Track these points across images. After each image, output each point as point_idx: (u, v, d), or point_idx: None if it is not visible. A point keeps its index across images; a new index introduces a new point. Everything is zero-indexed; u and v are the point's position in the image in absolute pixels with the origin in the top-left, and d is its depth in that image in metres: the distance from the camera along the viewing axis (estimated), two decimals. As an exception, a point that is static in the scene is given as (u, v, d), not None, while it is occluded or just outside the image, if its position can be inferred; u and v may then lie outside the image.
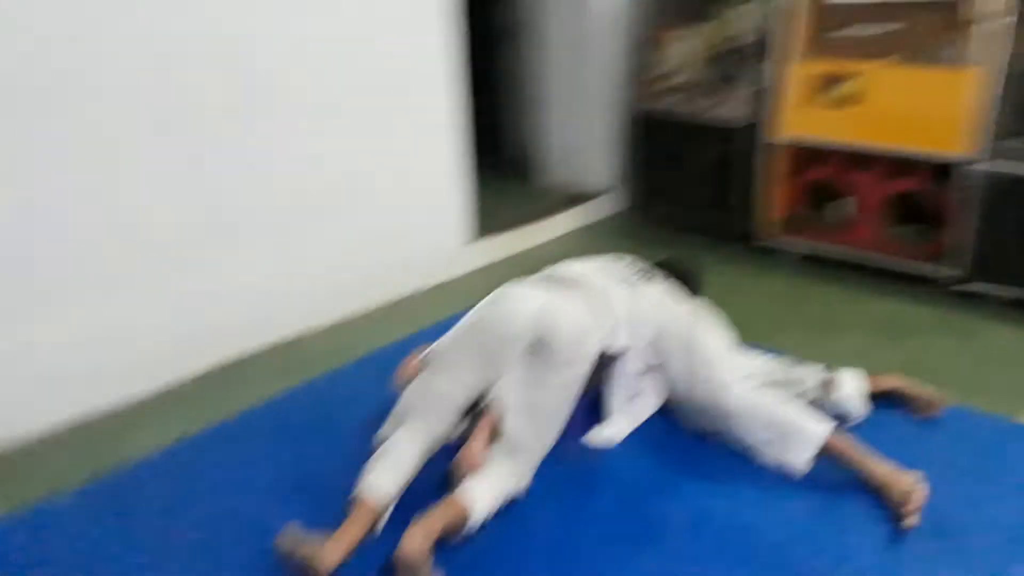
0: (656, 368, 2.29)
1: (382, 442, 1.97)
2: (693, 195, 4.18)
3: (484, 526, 1.84)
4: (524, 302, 2.08)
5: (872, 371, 2.41)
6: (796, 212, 3.85)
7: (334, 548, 1.68)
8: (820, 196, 3.85)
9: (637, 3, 4.29)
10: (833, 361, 2.43)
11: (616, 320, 2.17)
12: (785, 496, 2.01)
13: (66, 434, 2.38)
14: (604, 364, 2.25)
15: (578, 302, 2.11)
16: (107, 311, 2.48)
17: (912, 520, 1.87)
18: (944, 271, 3.39)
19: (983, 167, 3.19)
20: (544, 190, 4.81)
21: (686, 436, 2.26)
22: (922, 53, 3.53)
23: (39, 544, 1.85)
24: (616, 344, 2.18)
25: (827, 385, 2.27)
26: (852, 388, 2.26)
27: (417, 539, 1.65)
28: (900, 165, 3.46)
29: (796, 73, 3.65)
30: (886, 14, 3.80)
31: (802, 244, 3.82)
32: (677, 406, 2.30)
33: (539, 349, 2.01)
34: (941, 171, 3.34)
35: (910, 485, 1.90)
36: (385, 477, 1.84)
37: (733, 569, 1.77)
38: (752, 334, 2.63)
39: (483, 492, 1.83)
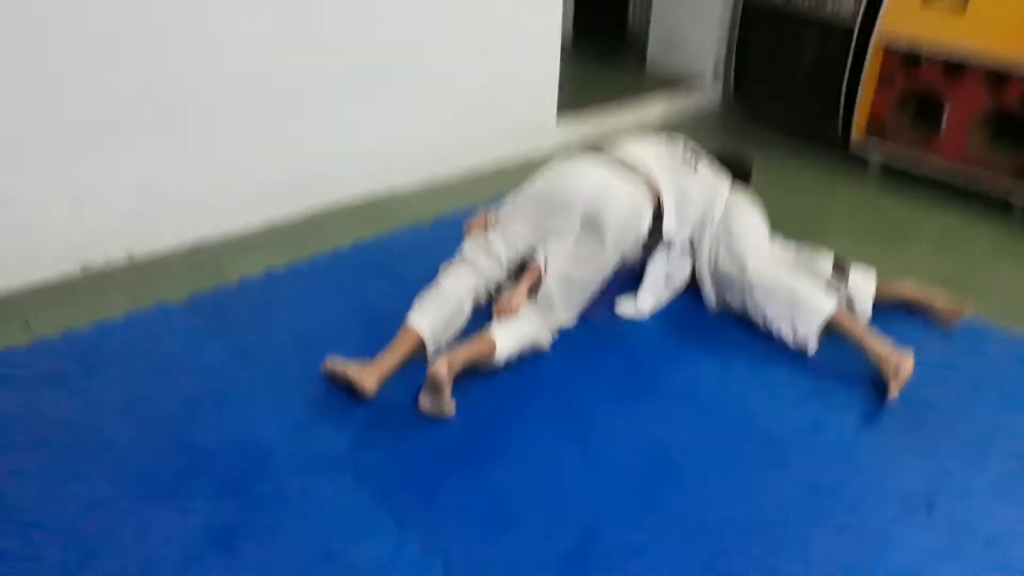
0: (692, 247, 2.53)
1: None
2: (793, 93, 4.16)
3: (507, 365, 2.18)
4: (585, 179, 2.31)
5: (931, 282, 2.58)
6: (891, 119, 3.80)
7: (374, 370, 2.05)
8: (923, 106, 3.79)
9: None
10: (887, 270, 2.59)
11: (665, 207, 2.39)
12: (778, 374, 2.27)
13: (182, 254, 2.85)
14: (651, 244, 2.50)
15: (634, 187, 2.33)
16: (224, 149, 2.89)
17: (894, 391, 2.09)
18: (1021, 197, 3.35)
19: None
20: (648, 75, 4.88)
21: (700, 315, 2.52)
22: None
23: (152, 338, 2.32)
24: (664, 229, 2.41)
25: (840, 272, 2.44)
26: (861, 283, 2.42)
27: (445, 363, 1.99)
28: (1001, 79, 3.37)
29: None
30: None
31: (888, 150, 3.81)
32: (704, 284, 2.53)
33: (592, 225, 2.26)
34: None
35: (901, 360, 2.11)
36: (428, 310, 2.18)
37: (711, 423, 2.07)
38: (815, 235, 2.81)
39: (510, 335, 2.15)
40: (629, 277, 2.59)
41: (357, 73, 3.13)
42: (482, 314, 2.29)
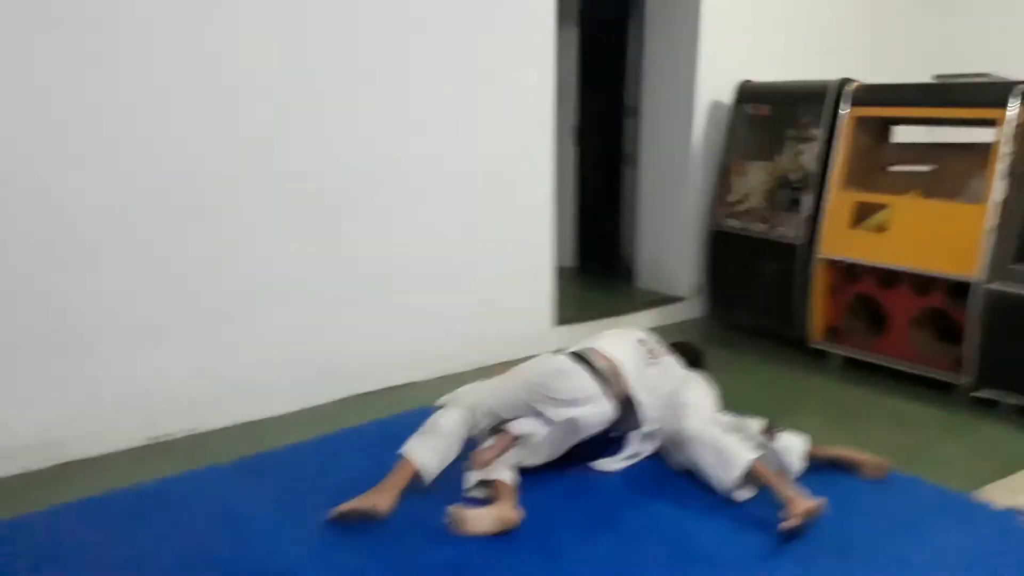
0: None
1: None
2: (758, 303, 4.82)
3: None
4: (575, 383, 2.80)
5: (874, 452, 3.00)
6: (840, 322, 4.41)
7: (382, 495, 2.53)
8: (864, 308, 4.41)
9: (719, 139, 5.12)
10: (850, 444, 3.06)
11: (637, 403, 2.92)
12: (722, 513, 2.67)
13: (231, 429, 3.40)
14: (630, 422, 2.99)
15: (607, 401, 2.81)
16: (266, 349, 3.52)
17: (789, 524, 2.46)
18: (961, 378, 3.84)
19: (990, 287, 3.68)
20: (638, 292, 5.60)
21: (664, 471, 2.96)
22: (946, 191, 4.14)
23: (202, 490, 2.82)
24: (640, 419, 2.93)
25: (768, 434, 2.89)
26: (791, 443, 2.87)
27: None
28: (926, 284, 3.99)
29: (837, 203, 4.31)
30: (925, 156, 4.45)
31: (845, 349, 4.36)
32: (664, 447, 2.99)
33: (570, 425, 2.77)
34: (959, 290, 3.84)
35: (806, 502, 2.52)
36: (424, 441, 2.71)
37: (664, 552, 2.46)
38: (785, 419, 3.23)
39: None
40: (606, 442, 3.07)
41: (379, 284, 3.83)
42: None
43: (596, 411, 2.79)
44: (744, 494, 2.72)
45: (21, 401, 2.97)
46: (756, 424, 2.98)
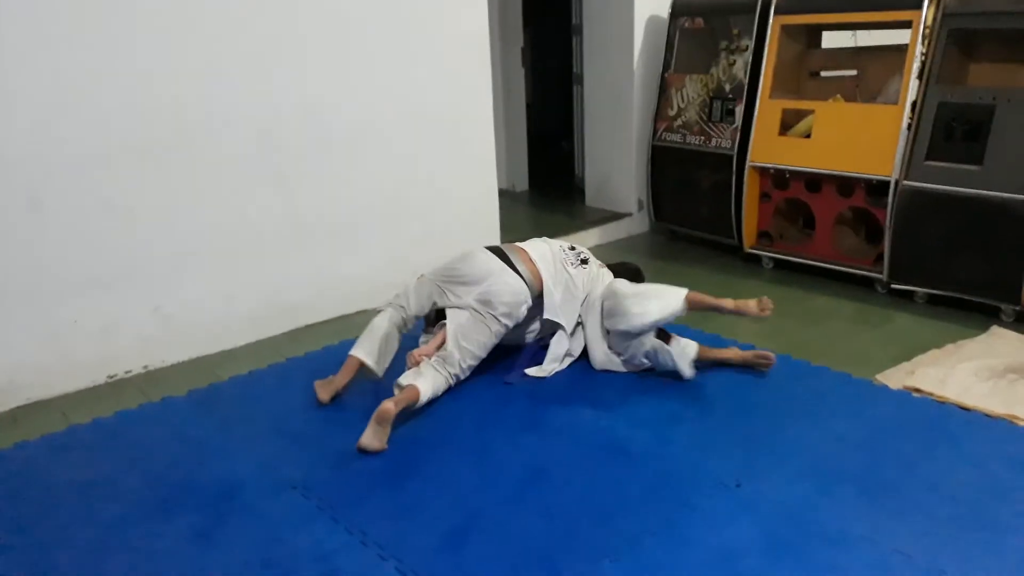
0: (582, 323, 3.23)
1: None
2: (697, 214, 4.99)
3: (425, 407, 2.88)
4: (480, 264, 3.09)
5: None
6: (771, 227, 4.59)
7: (325, 388, 3.01)
8: (793, 212, 4.60)
9: (659, 55, 5.20)
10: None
11: (548, 290, 3.13)
12: (641, 408, 2.91)
13: (186, 364, 3.59)
14: (549, 325, 3.21)
15: (519, 277, 3.08)
16: (220, 285, 3.68)
17: (767, 312, 2.97)
18: (880, 273, 4.05)
19: (905, 184, 3.86)
20: (587, 210, 5.76)
21: (587, 375, 3.20)
22: (866, 94, 4.27)
23: (158, 421, 3.02)
24: (545, 308, 3.13)
25: (665, 338, 3.10)
26: (687, 349, 3.08)
27: (391, 402, 2.71)
28: (849, 186, 4.16)
29: (765, 111, 4.44)
30: (849, 62, 4.56)
31: (776, 252, 4.56)
32: (593, 345, 3.22)
33: (484, 302, 3.01)
34: (879, 189, 4.02)
35: (757, 302, 2.98)
36: (364, 342, 3.06)
37: (579, 446, 2.70)
38: (715, 321, 3.52)
39: (426, 383, 2.86)
40: (539, 351, 3.29)
41: (326, 221, 3.97)
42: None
43: (504, 285, 3.03)
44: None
45: (-20, 349, 3.13)
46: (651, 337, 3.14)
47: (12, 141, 3.04)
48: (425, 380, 2.86)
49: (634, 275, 3.48)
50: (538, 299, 3.15)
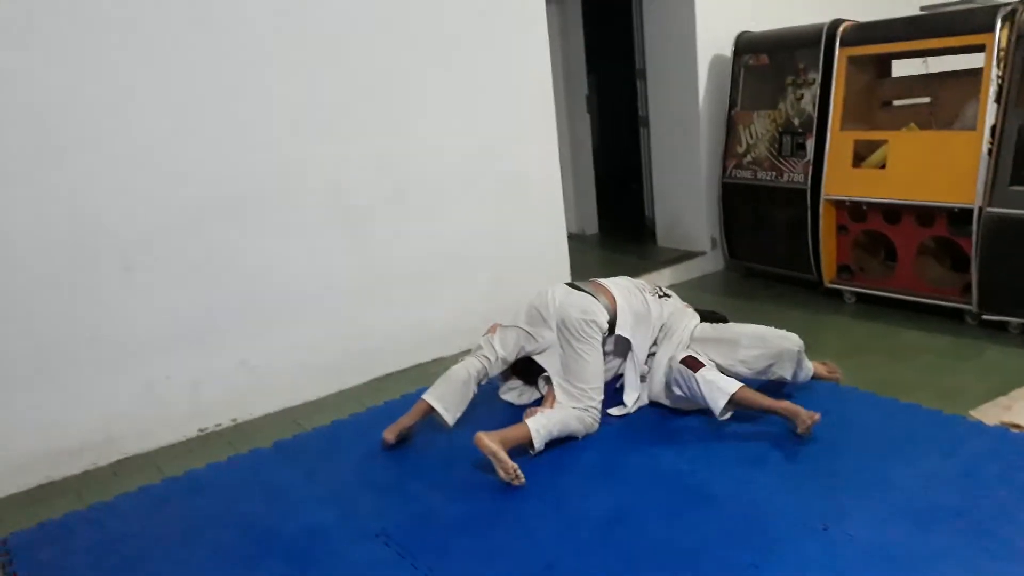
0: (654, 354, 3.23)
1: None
2: (772, 250, 4.92)
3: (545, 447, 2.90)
4: (553, 296, 3.16)
5: (877, 383, 3.29)
6: (851, 260, 4.48)
7: (393, 428, 3.08)
8: (873, 245, 4.48)
9: (724, 93, 5.19)
10: (845, 376, 3.32)
11: (621, 309, 3.15)
12: (719, 452, 2.85)
13: (272, 416, 3.70)
14: (621, 349, 3.24)
15: (589, 296, 3.13)
16: (304, 338, 3.81)
17: (806, 430, 2.77)
18: (968, 304, 3.90)
19: (989, 211, 3.72)
20: (659, 251, 5.73)
21: (662, 416, 3.16)
22: (941, 120, 4.17)
23: (247, 471, 3.13)
24: (620, 325, 3.14)
25: (691, 364, 3.00)
26: (718, 382, 2.93)
27: (482, 434, 2.75)
28: (929, 215, 4.04)
29: (837, 143, 4.37)
30: (921, 89, 4.47)
31: (857, 286, 4.44)
32: (663, 387, 3.17)
33: (561, 328, 3.07)
34: (961, 217, 3.89)
35: (808, 413, 2.77)
36: (436, 385, 3.09)
37: (660, 489, 2.67)
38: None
39: (540, 422, 2.89)
40: (615, 392, 3.29)
41: (400, 271, 4.07)
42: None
43: (572, 303, 3.09)
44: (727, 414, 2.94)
45: (80, 404, 3.29)
46: (681, 353, 3.09)
47: (107, 206, 3.25)
48: (536, 419, 2.91)
49: (717, 317, 3.45)
50: (613, 324, 3.15)
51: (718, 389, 2.89)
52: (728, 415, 2.94)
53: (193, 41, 3.36)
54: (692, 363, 2.99)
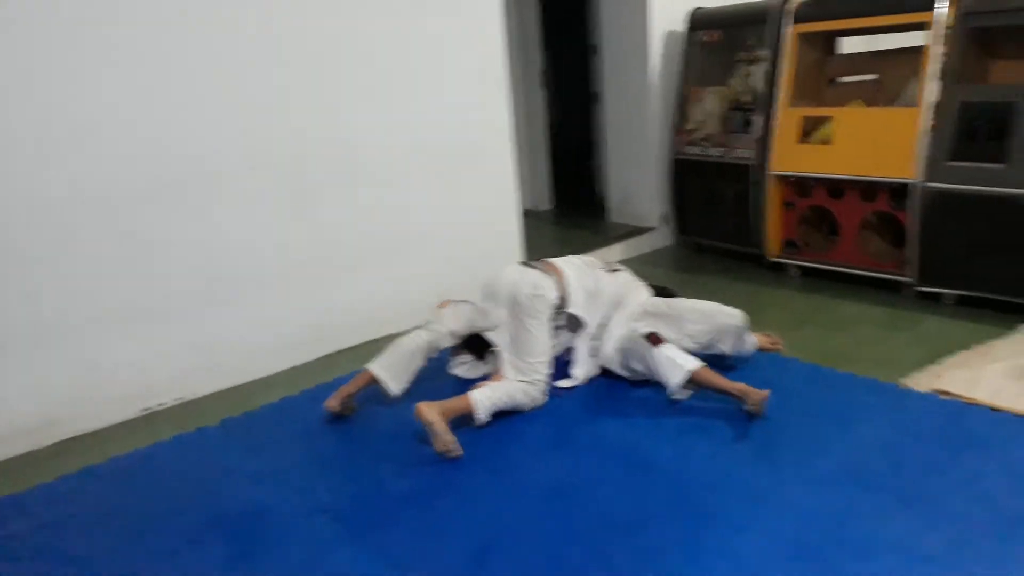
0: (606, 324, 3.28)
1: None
2: (720, 225, 4.98)
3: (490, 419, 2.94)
4: (504, 275, 3.20)
5: (818, 354, 3.37)
6: (796, 235, 4.56)
7: (335, 395, 3.09)
8: (818, 220, 4.57)
9: (674, 69, 5.22)
10: (788, 346, 3.38)
11: (571, 287, 3.19)
12: (665, 420, 2.90)
13: (221, 394, 3.67)
14: (572, 324, 3.27)
15: (539, 272, 3.18)
16: (254, 315, 3.77)
17: (757, 409, 2.79)
18: (906, 277, 4.00)
19: (927, 186, 3.82)
20: (611, 226, 5.78)
21: (612, 388, 3.20)
22: (885, 97, 4.25)
23: (191, 449, 3.10)
24: (571, 303, 3.17)
25: (652, 340, 3.05)
26: (677, 358, 2.97)
27: (423, 404, 2.78)
28: (871, 190, 4.13)
29: (785, 120, 4.43)
30: (867, 66, 4.55)
31: (802, 260, 4.53)
32: (615, 361, 3.22)
33: (513, 304, 3.10)
34: (901, 192, 3.98)
35: (758, 392, 2.79)
36: (384, 357, 3.11)
37: (605, 462, 2.70)
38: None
39: (484, 393, 2.93)
40: (565, 364, 3.33)
41: (355, 248, 4.04)
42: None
43: (524, 279, 3.13)
44: (684, 394, 2.99)
45: (20, 386, 3.22)
46: (644, 328, 3.15)
47: (50, 182, 3.16)
48: (480, 391, 2.95)
49: (667, 292, 3.51)
50: (562, 303, 3.19)
51: (677, 366, 2.94)
52: (684, 395, 3.00)
53: (138, 16, 3.27)
54: (654, 339, 3.04)
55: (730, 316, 3.19)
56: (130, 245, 3.38)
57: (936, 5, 3.84)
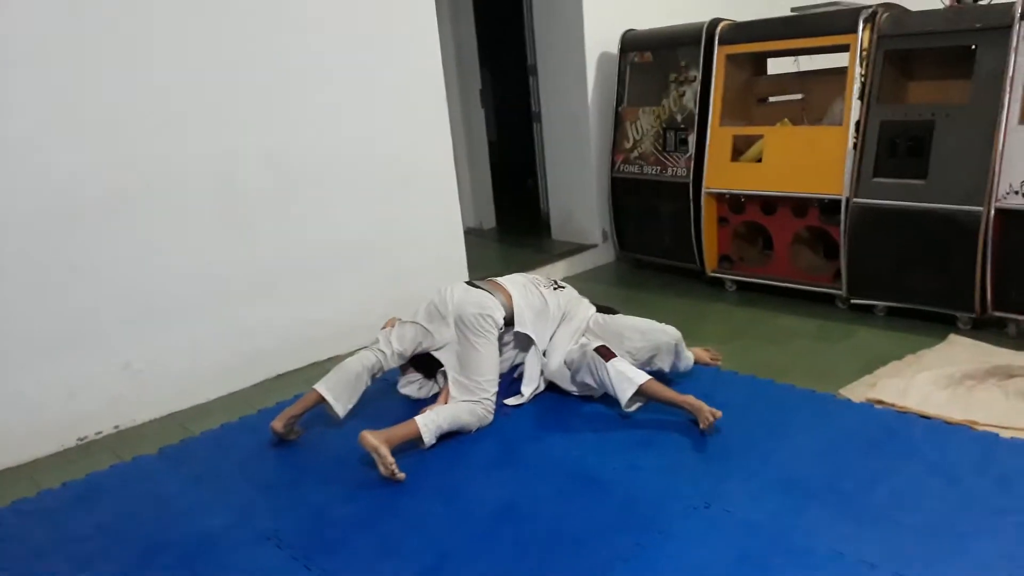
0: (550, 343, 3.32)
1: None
2: (659, 242, 5.08)
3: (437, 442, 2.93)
4: (451, 294, 3.20)
5: (755, 366, 3.45)
6: (731, 250, 4.68)
7: (281, 416, 3.08)
8: (752, 235, 4.70)
9: (610, 90, 5.33)
10: (726, 359, 3.48)
11: (518, 306, 3.22)
12: (610, 435, 2.94)
13: (158, 421, 3.59)
14: (520, 342, 3.32)
15: (486, 293, 3.20)
16: (188, 339, 3.69)
17: (708, 426, 2.83)
18: (839, 289, 4.14)
19: (855, 201, 3.97)
20: (553, 244, 5.83)
21: (559, 405, 3.24)
22: (812, 116, 4.41)
23: (129, 479, 3.01)
24: (518, 322, 3.20)
25: (603, 354, 3.09)
26: (627, 372, 3.02)
27: (368, 432, 2.76)
28: (802, 206, 4.27)
29: (716, 138, 4.56)
30: (794, 86, 4.71)
31: (738, 275, 4.65)
32: (562, 374, 3.26)
33: (459, 323, 3.11)
34: (831, 207, 4.12)
35: (710, 410, 2.85)
36: (330, 378, 3.08)
37: (551, 478, 2.72)
38: (687, 342, 3.45)
39: (430, 420, 2.91)
40: (514, 381, 3.38)
41: (291, 268, 4.00)
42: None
43: (470, 300, 3.15)
44: (634, 407, 3.05)
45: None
46: (595, 342, 3.20)
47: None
48: (425, 415, 2.93)
49: (609, 309, 3.56)
50: (510, 321, 3.21)
51: (627, 380, 2.98)
52: (635, 407, 3.05)
53: (69, 29, 3.20)
54: (605, 353, 3.08)
55: (665, 333, 3.26)
56: (56, 269, 3.29)
57: (858, 28, 4.00)
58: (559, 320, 3.35)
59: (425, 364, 3.34)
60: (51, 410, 3.33)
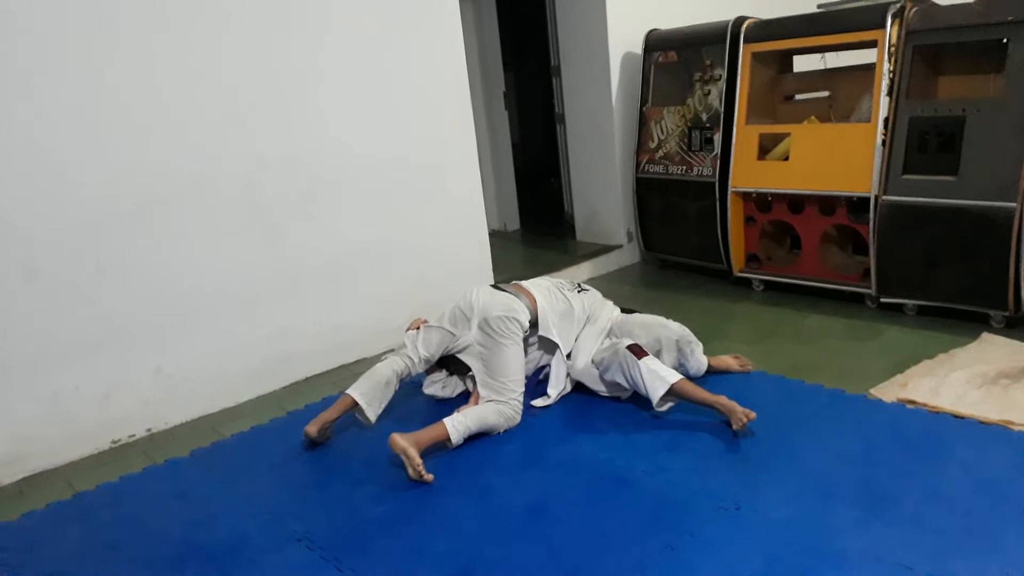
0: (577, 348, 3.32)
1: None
2: (685, 241, 5.05)
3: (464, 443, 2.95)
4: (475, 297, 3.22)
5: (784, 366, 3.44)
6: (759, 249, 4.65)
7: (316, 421, 3.06)
8: (780, 234, 4.66)
9: (636, 90, 5.31)
10: (755, 360, 3.45)
11: (543, 309, 3.23)
12: (639, 437, 2.93)
13: (189, 424, 3.63)
14: (545, 345, 3.33)
15: (510, 296, 3.20)
16: (218, 344, 3.73)
17: (741, 427, 2.80)
18: (868, 288, 4.10)
19: (884, 199, 3.92)
20: (578, 245, 5.82)
21: (586, 406, 3.23)
22: (839, 114, 4.37)
23: (162, 482, 3.05)
24: (543, 325, 3.21)
25: (635, 352, 3.08)
26: (659, 371, 3.01)
27: (397, 435, 2.79)
28: (830, 204, 4.23)
29: (743, 137, 4.53)
30: (821, 83, 4.67)
31: (765, 274, 4.61)
32: (589, 374, 3.25)
33: (484, 326, 3.12)
34: (860, 205, 4.08)
35: (743, 410, 2.82)
36: (361, 383, 3.11)
37: (579, 480, 2.72)
38: (710, 345, 3.48)
39: (458, 421, 2.93)
40: (539, 383, 3.39)
41: (318, 271, 4.02)
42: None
43: (495, 302, 3.16)
44: (666, 406, 3.05)
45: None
46: (626, 340, 3.18)
47: (7, 211, 3.11)
48: (453, 417, 2.95)
49: (630, 311, 3.56)
50: (535, 324, 3.22)
51: (659, 378, 2.97)
52: (666, 406, 3.04)
53: (95, 41, 3.25)
54: (637, 351, 3.07)
55: (667, 328, 3.26)
56: (90, 274, 3.34)
57: (886, 24, 3.95)
58: (583, 322, 3.36)
59: (449, 362, 3.36)
60: (85, 414, 3.38)
